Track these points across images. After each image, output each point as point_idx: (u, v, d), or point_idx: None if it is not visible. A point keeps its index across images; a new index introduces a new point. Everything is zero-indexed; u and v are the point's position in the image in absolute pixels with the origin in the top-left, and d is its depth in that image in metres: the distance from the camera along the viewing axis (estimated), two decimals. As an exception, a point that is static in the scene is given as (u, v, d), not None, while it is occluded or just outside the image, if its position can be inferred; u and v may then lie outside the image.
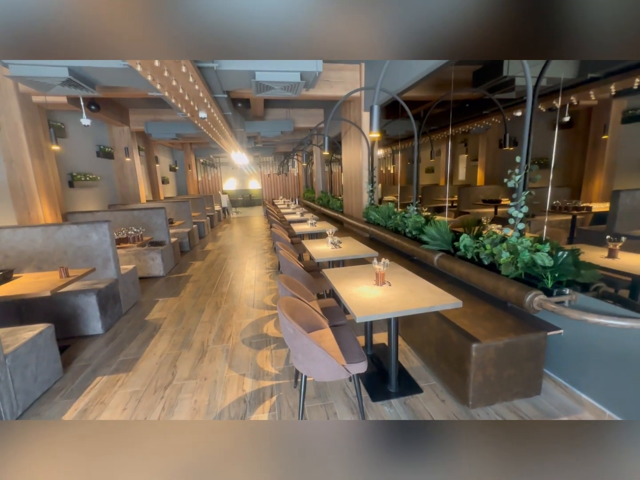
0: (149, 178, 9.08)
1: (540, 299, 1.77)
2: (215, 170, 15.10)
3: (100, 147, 6.46)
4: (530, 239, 2.00)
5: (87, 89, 3.41)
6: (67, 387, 2.30)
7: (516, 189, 2.05)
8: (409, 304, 1.72)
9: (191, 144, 11.77)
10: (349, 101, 4.88)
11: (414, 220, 3.32)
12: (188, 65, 2.65)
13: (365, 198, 4.87)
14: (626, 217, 2.62)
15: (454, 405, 1.98)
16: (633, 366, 1.63)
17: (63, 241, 3.32)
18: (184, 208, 6.86)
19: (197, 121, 4.96)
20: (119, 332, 3.12)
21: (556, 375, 2.06)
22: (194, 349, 2.77)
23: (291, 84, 3.47)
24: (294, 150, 9.10)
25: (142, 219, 4.96)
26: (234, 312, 3.49)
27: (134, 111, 6.91)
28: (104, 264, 3.38)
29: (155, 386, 2.28)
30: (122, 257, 4.52)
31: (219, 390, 2.21)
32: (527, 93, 1.93)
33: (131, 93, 4.14)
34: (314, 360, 1.61)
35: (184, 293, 4.16)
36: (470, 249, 2.42)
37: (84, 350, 2.80)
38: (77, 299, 2.97)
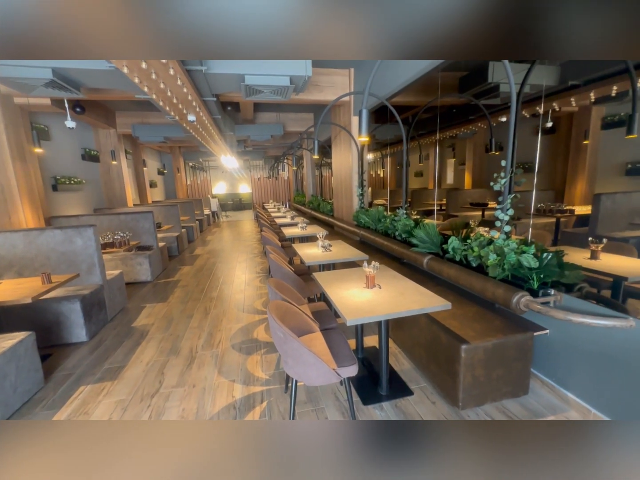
0: (137, 182, 8.93)
1: (526, 300, 1.80)
2: (204, 174, 14.96)
3: (86, 150, 6.33)
4: (516, 241, 2.04)
5: (71, 90, 3.34)
6: (49, 398, 2.22)
7: (502, 192, 2.09)
8: (399, 307, 1.73)
9: (180, 147, 11.65)
10: (339, 105, 4.92)
11: (404, 223, 3.35)
12: (176, 68, 2.63)
13: (356, 201, 4.90)
14: (607, 220, 2.71)
15: (444, 406, 1.99)
16: (616, 364, 1.67)
17: (46, 246, 3.22)
18: (172, 212, 6.76)
19: (185, 124, 4.92)
20: (104, 340, 3.03)
21: (543, 375, 2.10)
22: (182, 355, 2.72)
23: (281, 87, 3.48)
24: (284, 154, 9.10)
25: (129, 223, 4.87)
26: (223, 317, 3.44)
27: (120, 114, 6.80)
28: (88, 269, 3.29)
29: (142, 395, 2.22)
30: (108, 262, 4.41)
31: (208, 397, 2.16)
32: (511, 99, 1.98)
33: (118, 95, 4.08)
34: (304, 365, 1.60)
35: (172, 298, 4.09)
36: (459, 251, 2.45)
37: (67, 359, 2.71)
38: (60, 305, 2.88)
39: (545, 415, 1.89)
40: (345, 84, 4.51)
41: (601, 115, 3.11)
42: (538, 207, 3.65)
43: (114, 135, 6.81)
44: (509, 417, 1.89)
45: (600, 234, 2.66)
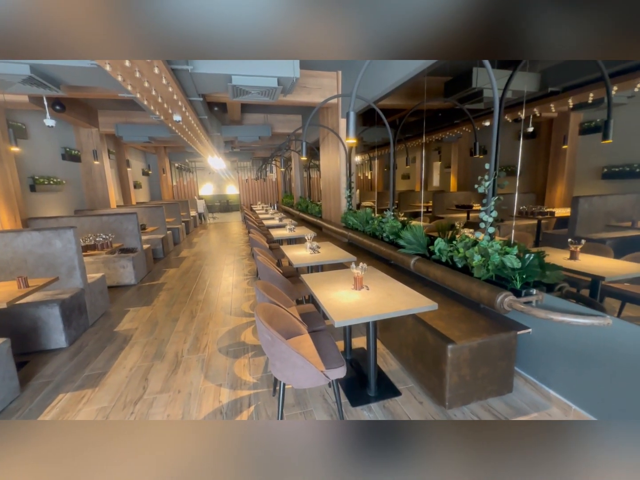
0: (120, 182, 8.70)
1: (510, 300, 1.84)
2: (190, 175, 14.73)
3: (66, 150, 6.12)
4: (500, 243, 2.09)
5: (51, 88, 3.23)
6: (25, 407, 2.12)
7: (486, 194, 2.14)
8: (386, 308, 1.74)
9: (165, 147, 11.44)
10: (327, 108, 4.94)
11: (391, 225, 3.38)
12: (161, 67, 2.58)
13: (344, 203, 4.92)
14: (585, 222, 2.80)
15: (432, 406, 2.01)
16: (594, 361, 1.73)
17: (22, 249, 3.09)
18: (157, 213, 6.62)
19: (171, 124, 4.83)
20: (85, 345, 2.93)
21: (526, 373, 2.15)
22: (167, 360, 2.65)
23: (268, 89, 3.47)
24: (272, 156, 9.06)
25: (112, 224, 4.74)
26: (210, 321, 3.38)
27: (103, 112, 6.62)
28: (68, 272, 3.18)
29: (125, 401, 2.16)
30: (89, 265, 4.27)
31: (194, 403, 2.12)
32: (494, 104, 2.03)
33: (100, 94, 3.97)
34: (292, 367, 1.59)
35: (157, 302, 3.99)
36: (445, 252, 2.49)
37: (45, 366, 2.60)
38: (37, 310, 2.76)
39: (529, 413, 1.93)
40: (333, 87, 4.53)
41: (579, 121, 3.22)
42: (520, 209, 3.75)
43: (96, 135, 6.63)
44: (494, 415, 1.92)
45: (579, 235, 2.76)
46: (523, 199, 3.97)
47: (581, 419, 1.80)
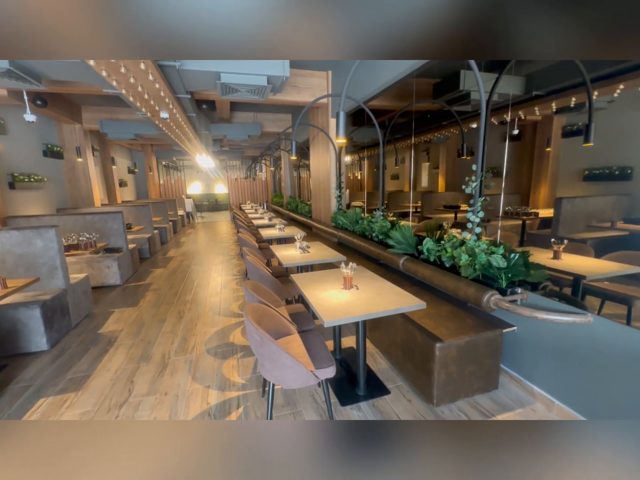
0: (105, 180, 8.48)
1: (496, 299, 1.88)
2: (178, 173, 14.48)
3: (48, 146, 5.93)
4: (486, 242, 2.13)
5: (31, 82, 3.12)
6: (3, 412, 2.05)
7: (473, 195, 2.18)
8: (376, 307, 1.75)
9: (152, 145, 11.20)
10: (317, 107, 4.93)
11: (381, 224, 3.41)
12: (147, 63, 2.53)
13: (334, 203, 4.92)
14: (567, 222, 2.89)
15: (420, 404, 2.04)
16: (576, 358, 1.78)
17: (0, 248, 2.98)
18: (143, 212, 6.48)
19: (158, 122, 4.74)
20: (68, 348, 2.85)
21: (511, 370, 2.20)
22: (154, 362, 2.60)
23: (258, 87, 3.44)
24: (262, 155, 8.99)
25: (96, 224, 4.61)
26: (198, 321, 3.34)
27: (87, 108, 6.44)
28: (50, 273, 3.08)
29: (109, 405, 2.11)
30: (72, 265, 4.15)
31: (181, 405, 2.08)
32: (481, 106, 2.07)
33: (84, 89, 3.86)
34: (281, 368, 1.58)
35: (143, 302, 3.91)
36: (433, 252, 2.53)
37: (24, 370, 2.51)
38: (17, 312, 2.67)
39: (514, 408, 1.98)
40: (323, 86, 4.53)
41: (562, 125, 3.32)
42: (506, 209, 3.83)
43: (80, 131, 6.44)
44: (480, 412, 1.96)
45: (561, 235, 2.83)
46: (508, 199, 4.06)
47: (564, 413, 1.85)
